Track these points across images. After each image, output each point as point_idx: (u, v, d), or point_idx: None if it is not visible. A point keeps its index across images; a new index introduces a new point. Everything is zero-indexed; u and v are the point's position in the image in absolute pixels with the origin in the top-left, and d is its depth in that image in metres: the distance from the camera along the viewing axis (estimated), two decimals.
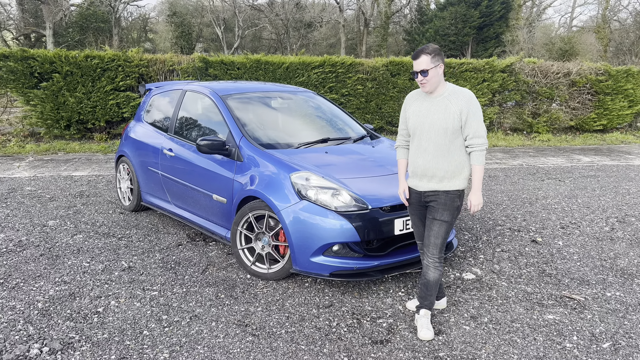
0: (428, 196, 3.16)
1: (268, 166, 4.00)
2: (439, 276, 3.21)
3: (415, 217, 3.33)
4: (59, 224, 5.30)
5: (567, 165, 9.38)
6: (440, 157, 3.07)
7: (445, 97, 3.07)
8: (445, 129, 3.03)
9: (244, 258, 4.08)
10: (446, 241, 3.18)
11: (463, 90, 3.09)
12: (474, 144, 3.03)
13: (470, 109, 3.01)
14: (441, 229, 3.13)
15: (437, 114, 3.05)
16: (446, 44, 28.83)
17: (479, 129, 3.02)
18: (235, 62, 10.84)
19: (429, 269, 3.21)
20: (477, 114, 3.03)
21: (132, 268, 4.19)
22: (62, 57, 10.10)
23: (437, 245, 3.15)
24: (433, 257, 3.18)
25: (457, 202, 3.12)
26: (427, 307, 3.27)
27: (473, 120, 3.01)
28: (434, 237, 3.15)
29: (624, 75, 12.98)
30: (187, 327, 3.27)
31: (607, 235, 5.22)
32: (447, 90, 3.09)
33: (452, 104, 3.03)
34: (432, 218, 3.15)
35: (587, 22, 39.60)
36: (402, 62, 11.58)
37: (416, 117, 3.15)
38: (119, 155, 5.95)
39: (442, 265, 3.23)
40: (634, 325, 3.36)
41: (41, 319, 3.33)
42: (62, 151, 9.90)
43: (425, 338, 3.15)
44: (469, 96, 3.05)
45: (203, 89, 5.00)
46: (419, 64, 3.01)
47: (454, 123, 3.01)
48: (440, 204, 3.11)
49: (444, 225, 3.13)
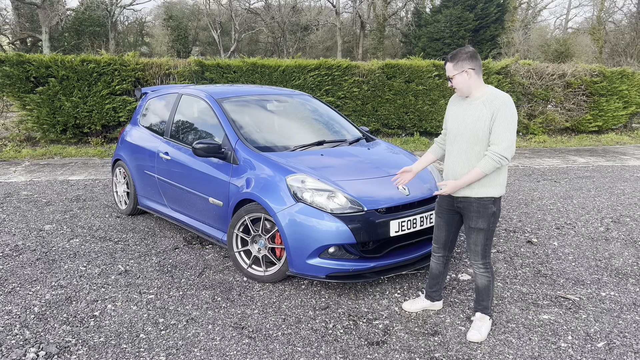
0: (460, 202, 3.12)
1: (264, 169, 4.01)
2: (487, 282, 3.21)
3: (441, 220, 3.30)
4: (55, 228, 5.30)
5: (563, 166, 9.42)
6: (471, 162, 3.02)
7: (481, 101, 3.01)
8: (476, 134, 2.98)
9: (240, 261, 4.09)
10: (489, 247, 3.15)
11: (500, 94, 2.99)
12: (490, 150, 2.94)
13: (500, 113, 2.92)
14: (479, 237, 3.11)
15: (471, 118, 3.01)
16: (442, 47, 28.92)
17: (501, 137, 2.90)
18: (231, 66, 10.86)
19: (476, 276, 3.24)
20: (505, 121, 2.91)
21: (129, 272, 4.19)
22: (58, 62, 10.11)
23: (477, 252, 3.15)
24: (476, 264, 3.20)
25: (491, 208, 3.06)
26: (480, 310, 3.27)
27: (499, 126, 2.91)
28: (473, 244, 3.15)
29: (619, 76, 13.05)
30: (184, 330, 3.27)
31: (602, 235, 5.24)
32: (485, 94, 3.02)
33: (486, 107, 2.97)
34: (468, 227, 3.14)
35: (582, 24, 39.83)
36: (398, 65, 11.63)
37: (452, 120, 3.14)
38: (116, 159, 5.95)
39: (489, 271, 3.20)
40: (628, 325, 3.38)
41: (37, 323, 3.33)
42: (59, 155, 9.90)
43: (469, 339, 3.16)
44: (503, 101, 2.94)
45: (199, 93, 5.01)
46: (446, 71, 3.09)
47: (484, 129, 2.95)
48: (473, 212, 3.08)
49: (481, 232, 3.10)
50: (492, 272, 3.23)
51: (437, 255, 3.42)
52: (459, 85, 3.05)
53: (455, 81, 3.04)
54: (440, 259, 3.41)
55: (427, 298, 3.54)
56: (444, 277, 3.48)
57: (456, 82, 3.04)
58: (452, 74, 3.03)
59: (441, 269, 3.44)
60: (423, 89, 11.73)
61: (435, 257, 3.44)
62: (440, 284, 3.49)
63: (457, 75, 3.02)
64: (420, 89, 11.72)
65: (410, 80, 11.69)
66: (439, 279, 3.47)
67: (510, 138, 2.92)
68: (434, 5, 32.14)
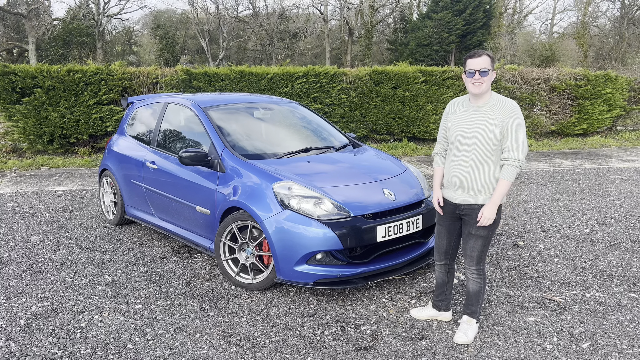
0: (463, 209, 3.12)
1: (250, 176, 4.02)
2: (478, 288, 3.22)
3: (443, 228, 3.29)
4: (41, 240, 5.26)
5: (549, 169, 9.52)
6: (478, 169, 3.00)
7: (489, 106, 2.99)
8: (486, 140, 2.96)
9: (228, 269, 4.08)
10: (484, 254, 3.17)
11: (508, 101, 3.00)
12: (509, 157, 2.93)
13: (511, 120, 2.92)
14: (477, 243, 3.12)
15: (479, 124, 2.98)
16: (430, 53, 29.18)
17: (517, 143, 2.92)
18: (219, 74, 10.87)
19: (468, 281, 3.25)
20: (518, 127, 2.92)
21: (116, 282, 4.17)
22: (44, 72, 10.05)
23: (473, 258, 3.16)
24: (470, 269, 3.21)
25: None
26: (468, 314, 3.29)
27: (513, 133, 2.92)
28: (470, 250, 3.16)
29: (602, 80, 13.23)
30: (171, 339, 3.26)
31: (587, 237, 5.31)
32: (491, 100, 3.01)
33: (495, 114, 2.95)
34: (467, 232, 3.14)
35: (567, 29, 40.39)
36: (385, 71, 11.70)
37: (456, 126, 3.08)
38: (102, 169, 5.93)
39: (482, 277, 3.21)
40: (612, 325, 3.42)
41: (23, 336, 3.30)
42: (45, 166, 9.82)
43: (456, 341, 3.19)
44: (513, 107, 2.96)
45: (185, 101, 5.02)
46: (480, 63, 2.93)
47: (495, 134, 2.93)
48: (474, 219, 3.07)
49: (480, 239, 3.11)
50: (484, 279, 3.25)
51: (440, 264, 3.40)
52: (487, 83, 2.95)
53: (489, 76, 2.94)
54: (444, 267, 3.40)
55: (434, 307, 3.51)
56: (449, 286, 3.46)
57: (489, 77, 2.94)
58: (490, 67, 2.94)
59: (445, 277, 3.42)
60: (410, 95, 11.81)
61: (438, 266, 3.42)
62: (446, 293, 3.46)
63: (491, 71, 2.95)
64: (408, 95, 11.80)
65: (397, 87, 11.77)
66: (443, 287, 3.45)
67: (525, 143, 2.95)
68: (421, 12, 32.42)
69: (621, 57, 29.94)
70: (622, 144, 12.96)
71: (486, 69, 2.93)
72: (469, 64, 2.97)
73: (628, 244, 5.09)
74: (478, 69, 2.94)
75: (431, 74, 11.94)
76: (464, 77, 3.04)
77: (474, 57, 2.96)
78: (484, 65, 2.94)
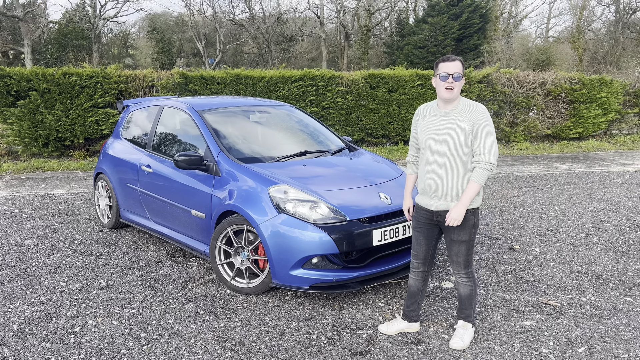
0: (440, 215, 3.08)
1: (246, 180, 4.01)
2: (469, 291, 3.21)
3: (420, 235, 3.24)
4: (35, 244, 5.23)
5: (545, 172, 9.55)
6: (452, 175, 2.98)
7: (457, 111, 2.98)
8: (457, 146, 2.95)
9: (223, 273, 4.06)
10: (471, 257, 3.17)
11: (476, 105, 3.00)
12: (480, 160, 2.93)
13: (481, 124, 2.93)
14: (461, 248, 3.11)
15: (448, 130, 2.97)
16: (426, 56, 29.26)
17: (487, 146, 2.92)
18: (215, 77, 10.86)
19: (459, 285, 3.24)
20: (487, 131, 2.93)
21: (111, 286, 4.15)
22: (39, 75, 10.03)
23: (460, 263, 3.15)
24: (459, 274, 3.20)
25: (472, 220, 3.05)
26: (463, 319, 3.28)
27: (482, 136, 2.92)
28: (455, 256, 3.14)
29: (598, 84, 13.30)
30: (166, 344, 3.24)
31: (582, 241, 5.31)
32: (460, 105, 3.00)
33: (464, 118, 2.95)
34: (449, 239, 3.12)
35: (562, 33, 40.55)
36: (381, 75, 11.73)
37: (427, 133, 3.05)
38: (97, 172, 5.90)
39: (472, 280, 3.20)
40: (608, 329, 3.42)
41: (16, 341, 3.27)
42: (40, 169, 9.78)
43: (452, 346, 3.17)
44: (481, 111, 2.96)
45: (180, 105, 5.01)
46: (453, 67, 2.93)
47: (465, 139, 2.93)
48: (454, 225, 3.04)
49: (463, 244, 3.09)
50: (474, 281, 3.24)
51: (416, 271, 3.33)
52: (458, 88, 2.95)
53: (460, 83, 2.94)
54: (420, 274, 3.32)
55: (405, 318, 3.41)
56: (422, 294, 3.38)
57: (460, 84, 2.95)
58: (462, 73, 2.94)
59: (420, 285, 3.34)
60: (406, 99, 11.83)
61: (414, 273, 3.34)
62: (419, 302, 3.37)
63: (463, 77, 2.96)
64: (404, 99, 11.82)
65: (393, 90, 11.80)
66: (417, 296, 3.37)
67: (496, 146, 2.95)
68: (417, 16, 32.53)
69: (616, 61, 30.10)
70: (618, 148, 13.01)
71: (459, 74, 2.94)
72: (443, 68, 2.96)
73: (624, 247, 5.10)
74: (452, 72, 2.93)
75: (427, 78, 11.96)
76: (434, 81, 3.03)
77: (448, 61, 2.96)
78: (457, 70, 2.93)
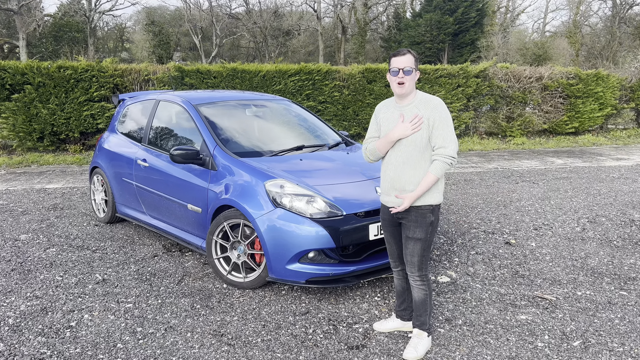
0: (399, 212, 3.02)
1: (242, 174, 4.00)
2: (424, 295, 3.07)
3: (387, 234, 3.18)
4: (31, 238, 5.21)
5: (541, 167, 9.57)
6: (409, 169, 2.92)
7: (414, 105, 2.94)
8: (413, 140, 2.89)
9: (219, 267, 4.06)
10: (426, 259, 3.05)
11: (432, 98, 2.97)
12: (440, 154, 2.87)
13: (437, 116, 2.87)
14: (416, 247, 2.99)
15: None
16: (423, 51, 29.22)
17: (446, 139, 2.86)
18: (211, 71, 10.82)
19: (413, 289, 3.10)
20: (445, 123, 2.88)
21: (107, 280, 4.14)
22: (34, 68, 9.96)
23: (414, 263, 3.02)
24: (413, 276, 3.07)
25: (429, 217, 2.97)
26: (418, 326, 3.13)
27: (440, 129, 2.87)
28: (410, 255, 3.03)
29: (594, 78, 13.31)
30: (162, 338, 3.24)
31: (578, 235, 5.33)
32: (417, 99, 2.96)
33: (421, 112, 2.90)
34: (405, 236, 3.02)
35: (559, 28, 40.60)
36: (378, 69, 11.70)
37: (386, 126, 3.02)
38: (93, 166, 5.88)
39: (426, 284, 3.06)
40: (603, 323, 3.44)
41: (12, 335, 3.26)
42: (36, 163, 9.74)
43: (405, 357, 3.02)
44: (437, 103, 2.92)
45: (176, 99, 4.98)
46: (403, 61, 2.89)
47: (422, 133, 2.88)
48: (411, 221, 2.97)
49: (419, 242, 2.98)
50: (429, 285, 3.10)
51: (396, 271, 3.28)
52: (410, 82, 2.91)
53: (411, 77, 2.90)
54: (400, 273, 3.26)
55: (398, 318, 3.38)
56: (409, 292, 3.28)
57: (412, 76, 2.90)
58: (413, 67, 2.90)
59: (404, 284, 3.29)
60: None
61: (395, 273, 3.29)
62: (408, 301, 3.30)
63: (415, 70, 2.91)
64: None
65: (394, 75, 11.76)
66: (404, 295, 3.30)
67: (455, 139, 2.91)
68: (414, 10, 32.46)
69: (612, 56, 30.14)
70: (614, 143, 13.04)
71: (410, 68, 2.89)
72: (393, 63, 2.94)
73: (619, 242, 5.12)
74: (402, 67, 2.89)
75: (424, 72, 11.94)
76: (388, 76, 3.00)
77: (398, 56, 2.93)
78: (408, 64, 2.89)
